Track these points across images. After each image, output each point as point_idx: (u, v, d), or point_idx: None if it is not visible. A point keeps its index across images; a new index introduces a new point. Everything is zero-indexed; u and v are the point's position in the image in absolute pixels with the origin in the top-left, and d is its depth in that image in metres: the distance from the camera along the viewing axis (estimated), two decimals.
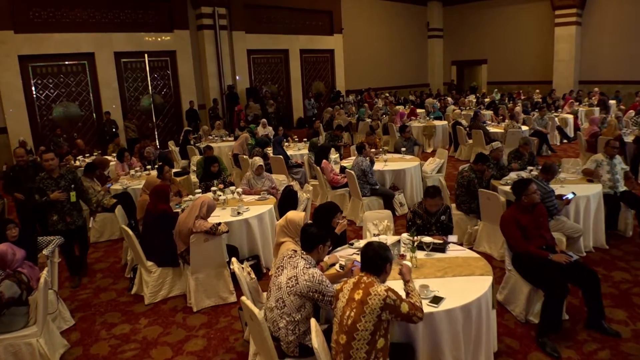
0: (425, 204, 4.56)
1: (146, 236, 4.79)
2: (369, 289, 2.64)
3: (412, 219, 4.61)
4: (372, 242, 2.89)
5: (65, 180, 5.10)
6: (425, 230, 4.58)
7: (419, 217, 4.60)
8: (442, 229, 4.64)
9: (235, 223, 4.99)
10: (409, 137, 8.77)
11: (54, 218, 5.05)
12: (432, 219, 4.60)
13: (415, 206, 4.70)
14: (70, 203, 5.09)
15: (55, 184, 5.03)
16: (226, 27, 15.55)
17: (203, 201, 4.39)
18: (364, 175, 6.68)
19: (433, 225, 4.60)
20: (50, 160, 5.03)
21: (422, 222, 4.59)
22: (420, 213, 4.60)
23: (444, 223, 4.64)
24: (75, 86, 12.92)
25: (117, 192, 6.91)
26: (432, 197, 4.51)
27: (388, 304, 2.60)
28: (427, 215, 4.59)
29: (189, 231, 4.32)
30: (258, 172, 6.09)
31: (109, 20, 13.23)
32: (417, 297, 2.83)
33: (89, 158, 9.66)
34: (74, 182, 5.18)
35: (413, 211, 4.65)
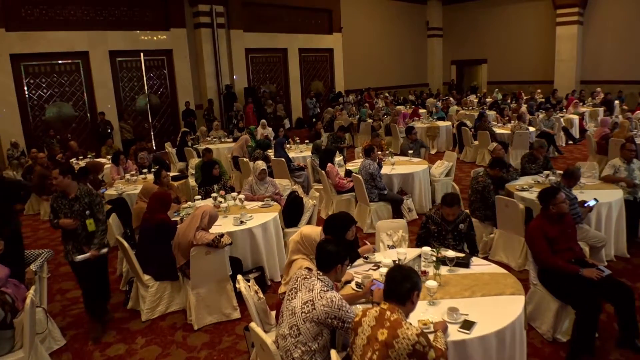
0: (442, 212, 4.24)
1: (142, 248, 4.45)
2: (396, 330, 2.30)
3: (425, 224, 4.31)
4: (401, 266, 2.56)
5: (80, 203, 4.12)
6: (439, 238, 4.28)
7: (434, 223, 4.30)
8: (460, 238, 4.35)
9: (238, 233, 4.66)
10: (415, 139, 8.46)
11: (69, 247, 4.14)
12: (449, 226, 4.30)
13: (430, 210, 4.39)
14: (85, 231, 4.12)
15: (69, 206, 4.11)
16: (224, 26, 15.23)
17: (204, 211, 4.06)
18: (371, 180, 6.36)
19: (449, 233, 4.29)
20: (56, 179, 4.10)
21: (437, 229, 4.29)
22: (436, 219, 4.30)
23: (462, 232, 4.34)
24: (69, 86, 12.55)
25: (112, 197, 6.55)
26: (450, 205, 4.20)
27: (417, 351, 2.27)
28: (444, 223, 4.29)
29: (189, 244, 3.99)
30: (261, 177, 5.76)
31: (104, 18, 12.88)
32: (442, 340, 2.51)
33: (82, 160, 9.31)
34: (90, 207, 4.15)
35: (428, 216, 4.34)
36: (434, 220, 4.30)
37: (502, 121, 11.78)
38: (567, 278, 3.77)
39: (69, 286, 5.26)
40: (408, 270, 2.48)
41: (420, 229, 4.37)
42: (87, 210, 4.12)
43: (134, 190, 6.66)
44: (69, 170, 4.16)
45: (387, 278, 2.48)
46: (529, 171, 6.59)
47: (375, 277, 3.39)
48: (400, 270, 2.48)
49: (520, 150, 10.13)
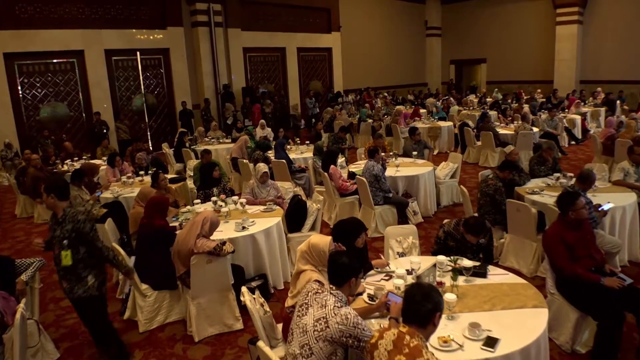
0: (465, 235, 3.94)
1: (140, 255, 4.24)
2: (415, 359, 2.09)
3: (443, 240, 4.03)
4: (421, 284, 2.35)
5: (62, 230, 3.34)
6: (459, 253, 4.04)
7: (452, 239, 4.01)
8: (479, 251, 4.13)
9: (240, 239, 4.45)
10: (419, 140, 8.27)
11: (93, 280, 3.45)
12: (468, 243, 4.05)
13: (450, 226, 4.07)
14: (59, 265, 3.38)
15: (53, 229, 3.46)
16: (222, 24, 15.01)
17: (205, 217, 3.85)
18: (376, 182, 6.17)
19: (468, 249, 4.03)
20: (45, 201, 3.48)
21: (456, 246, 4.00)
22: (456, 236, 3.99)
23: (482, 246, 4.10)
24: (64, 85, 12.31)
25: (108, 201, 6.33)
26: (476, 234, 3.87)
27: None
28: (465, 240, 4.00)
29: (189, 252, 3.78)
30: (263, 180, 5.56)
31: (99, 17, 12.63)
32: None
33: (77, 162, 9.08)
34: (71, 237, 3.30)
35: (447, 232, 4.04)
36: (453, 237, 4.01)
37: (505, 121, 11.60)
38: (587, 287, 3.59)
39: (62, 294, 4.98)
40: (428, 289, 2.26)
41: (435, 244, 4.12)
42: (65, 240, 3.30)
43: (131, 194, 6.45)
44: (53, 188, 3.42)
45: (406, 297, 2.27)
46: (538, 173, 6.42)
47: (388, 287, 3.20)
48: (420, 289, 2.26)
49: (524, 151, 9.95)
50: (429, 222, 6.80)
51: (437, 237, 4.13)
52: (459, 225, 4.04)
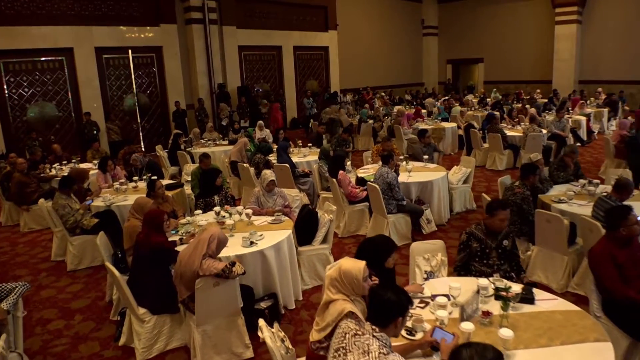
0: (492, 220, 3.66)
1: (137, 275, 3.79)
2: None
3: (466, 243, 3.73)
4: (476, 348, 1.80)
5: None
6: (483, 258, 3.70)
7: (476, 240, 3.73)
8: (505, 257, 3.78)
9: (248, 256, 4.01)
10: (429, 142, 7.88)
11: None
12: (492, 243, 3.73)
13: (471, 227, 3.80)
14: None
15: None
16: (216, 22, 14.54)
17: (212, 235, 3.41)
18: (389, 190, 5.76)
19: (493, 250, 3.72)
20: None
21: (480, 247, 3.71)
22: (479, 235, 3.72)
23: (506, 249, 3.78)
24: (52, 84, 11.76)
25: (99, 209, 5.86)
26: (504, 207, 3.71)
27: None
28: (488, 239, 3.71)
29: (193, 274, 3.34)
30: (269, 189, 5.12)
31: (90, 13, 12.09)
32: None
33: (66, 166, 8.57)
34: None
35: (469, 232, 3.76)
36: (476, 236, 3.72)
37: (512, 123, 11.25)
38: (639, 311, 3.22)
39: (50, 315, 4.57)
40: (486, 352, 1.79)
41: (459, 252, 3.76)
42: None
43: (124, 202, 5.98)
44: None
45: None
46: (557, 179, 6.06)
47: (426, 316, 2.79)
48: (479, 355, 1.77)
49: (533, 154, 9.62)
50: (443, 231, 6.40)
51: (460, 243, 3.79)
52: (479, 224, 3.83)
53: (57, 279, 5.41)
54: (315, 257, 4.80)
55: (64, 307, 4.72)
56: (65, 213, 5.45)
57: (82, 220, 5.55)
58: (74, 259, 5.57)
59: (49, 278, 5.45)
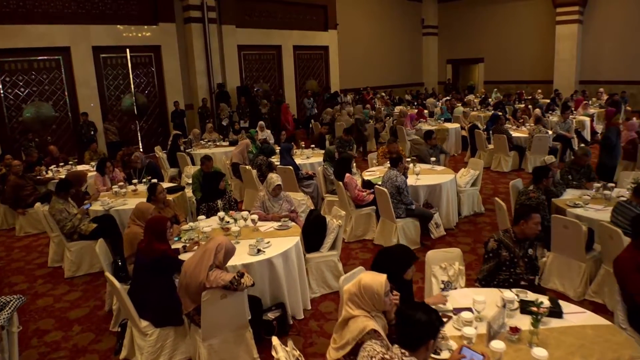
0: (527, 225, 3.49)
1: (138, 286, 3.60)
2: None
3: (496, 251, 3.53)
4: None
5: None
6: (511, 267, 3.53)
7: (505, 248, 3.55)
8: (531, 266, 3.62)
9: (255, 265, 3.83)
10: (435, 144, 7.70)
11: None
12: (520, 251, 3.57)
13: (499, 234, 3.62)
14: None
15: None
16: (215, 21, 14.33)
17: (219, 244, 3.22)
18: (398, 194, 5.58)
19: (520, 259, 3.56)
20: None
21: (510, 256, 3.53)
22: (508, 244, 3.54)
23: (532, 257, 3.62)
24: (49, 84, 11.53)
25: (98, 214, 5.65)
26: (537, 210, 3.57)
27: None
28: (516, 246, 3.56)
29: (200, 286, 3.15)
30: (275, 193, 4.93)
31: (87, 11, 11.86)
32: None
33: (63, 167, 8.36)
34: None
35: (499, 240, 3.56)
36: (505, 244, 3.53)
37: (517, 124, 11.08)
38: None
39: (47, 325, 4.37)
40: None
41: (486, 261, 3.56)
42: None
43: (124, 206, 5.78)
44: None
45: None
46: (570, 182, 5.89)
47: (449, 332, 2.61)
48: None
49: (539, 156, 9.47)
50: (452, 235, 6.23)
51: (487, 251, 3.58)
52: (507, 231, 3.64)
53: (54, 287, 5.21)
54: (324, 264, 4.62)
55: (62, 316, 4.53)
56: (62, 218, 5.25)
57: (80, 226, 5.35)
58: (72, 265, 5.36)
59: (46, 285, 5.25)
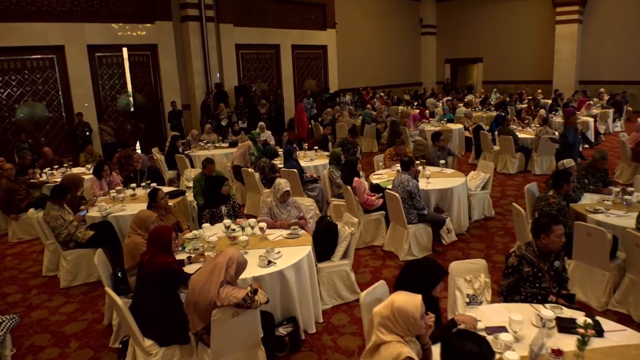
0: (549, 239, 3.26)
1: (141, 302, 3.34)
2: None
3: (517, 267, 3.31)
4: None
5: None
6: (536, 282, 3.31)
7: (528, 263, 3.32)
8: (558, 279, 3.40)
9: (266, 277, 3.59)
10: (443, 146, 7.48)
11: None
12: (545, 265, 3.34)
13: (520, 248, 3.40)
14: None
15: None
16: (213, 19, 14.05)
17: (230, 258, 2.98)
18: (410, 198, 5.36)
19: (546, 273, 3.33)
20: None
21: (533, 271, 3.30)
22: (531, 258, 3.31)
23: (558, 270, 3.39)
24: (43, 84, 11.22)
25: (95, 220, 5.38)
26: (558, 221, 3.32)
27: None
28: (540, 260, 3.33)
29: (209, 304, 2.90)
30: (284, 199, 4.69)
31: (81, 9, 11.56)
32: None
33: (58, 170, 8.08)
34: None
35: (520, 256, 3.34)
36: (528, 260, 3.31)
37: (522, 125, 10.89)
38: None
39: (42, 341, 4.10)
40: None
41: (506, 277, 3.34)
42: None
43: (122, 212, 5.52)
44: None
45: None
46: (586, 187, 5.69)
47: None
48: None
49: (545, 157, 9.30)
50: (463, 241, 6.01)
51: (507, 267, 3.36)
52: (530, 245, 3.40)
53: (50, 298, 4.94)
54: (336, 274, 4.38)
55: (58, 331, 4.26)
56: (57, 225, 4.98)
57: (77, 233, 5.08)
58: (68, 275, 5.09)
59: (41, 296, 4.98)
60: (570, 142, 7.62)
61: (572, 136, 7.69)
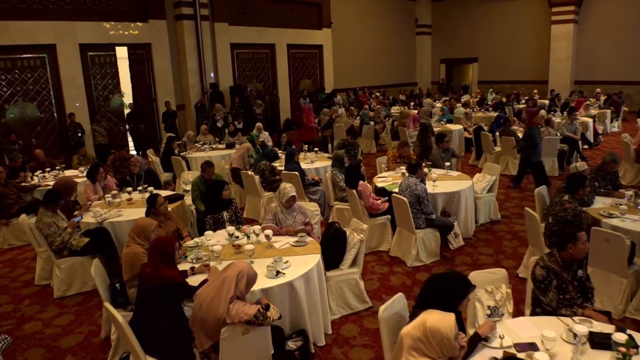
0: (576, 248, 3.13)
1: (143, 317, 3.14)
2: None
3: (547, 279, 3.15)
4: None
5: None
6: (560, 293, 3.17)
7: (554, 274, 3.18)
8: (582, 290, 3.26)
9: (275, 289, 3.39)
10: (447, 147, 7.32)
11: None
12: (568, 275, 3.20)
13: (545, 260, 3.24)
14: None
15: None
16: (208, 18, 13.81)
17: (240, 272, 2.78)
18: (418, 203, 5.18)
19: (569, 284, 3.20)
20: None
21: (558, 282, 3.17)
22: (555, 269, 3.18)
23: (582, 281, 3.25)
24: (33, 83, 10.92)
25: (90, 227, 5.15)
26: (581, 228, 3.30)
27: None
28: (564, 271, 3.20)
29: (218, 321, 2.71)
30: (289, 204, 4.49)
31: (73, 7, 11.28)
32: None
33: (50, 173, 7.82)
34: None
35: (546, 267, 3.19)
36: (554, 271, 3.17)
37: (521, 125, 10.76)
38: None
39: (36, 356, 3.88)
40: None
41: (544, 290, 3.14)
42: None
43: (119, 218, 5.29)
44: None
45: None
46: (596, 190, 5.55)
47: None
48: None
49: (547, 158, 9.18)
50: (471, 246, 5.85)
51: (537, 280, 3.20)
52: (552, 255, 3.27)
53: (43, 308, 4.71)
54: (344, 283, 4.20)
55: (53, 345, 4.03)
56: (51, 233, 4.75)
57: (71, 240, 4.85)
58: (62, 284, 4.86)
59: (33, 307, 4.74)
60: (536, 142, 7.97)
61: (537, 135, 8.05)
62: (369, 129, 11.92)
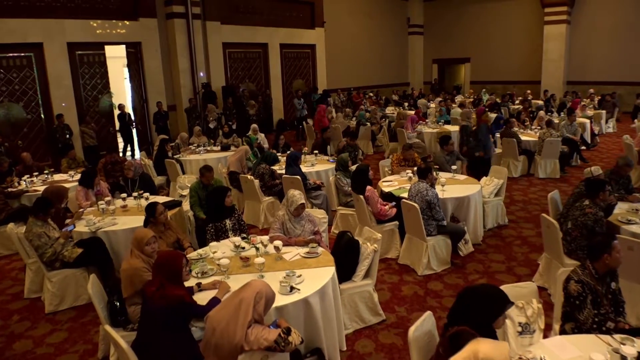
0: (612, 257, 2.95)
1: (148, 339, 2.87)
2: None
3: (583, 294, 2.95)
4: None
5: None
6: (596, 307, 2.97)
7: (589, 289, 2.98)
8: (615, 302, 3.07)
9: (290, 307, 3.15)
10: (452, 150, 7.12)
11: None
12: (602, 288, 3.01)
13: (578, 274, 3.03)
14: None
15: None
16: (200, 16, 13.51)
17: (258, 292, 2.53)
18: (429, 209, 4.97)
19: (603, 297, 3.00)
20: None
21: (592, 298, 2.97)
22: (590, 283, 2.99)
23: (615, 294, 3.08)
24: (20, 83, 10.53)
25: (83, 236, 4.84)
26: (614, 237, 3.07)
27: None
28: (598, 283, 3.02)
29: (235, 348, 2.46)
30: (298, 213, 4.24)
31: (61, 5, 10.92)
32: None
33: (38, 177, 7.47)
34: None
35: (581, 282, 2.98)
36: (589, 286, 2.97)
37: (521, 127, 10.62)
38: None
39: None
40: None
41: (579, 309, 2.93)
42: None
43: (114, 226, 4.99)
44: None
45: None
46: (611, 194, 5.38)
47: None
48: None
49: (549, 160, 9.06)
50: (481, 252, 5.66)
51: (572, 296, 2.98)
52: (585, 267, 3.07)
53: (34, 325, 4.40)
54: (358, 296, 3.97)
55: None
56: (41, 244, 4.43)
57: (63, 252, 4.55)
58: (54, 298, 4.55)
59: (23, 323, 4.43)
60: (483, 139, 8.36)
61: (484, 133, 8.46)
62: (366, 130, 11.70)
